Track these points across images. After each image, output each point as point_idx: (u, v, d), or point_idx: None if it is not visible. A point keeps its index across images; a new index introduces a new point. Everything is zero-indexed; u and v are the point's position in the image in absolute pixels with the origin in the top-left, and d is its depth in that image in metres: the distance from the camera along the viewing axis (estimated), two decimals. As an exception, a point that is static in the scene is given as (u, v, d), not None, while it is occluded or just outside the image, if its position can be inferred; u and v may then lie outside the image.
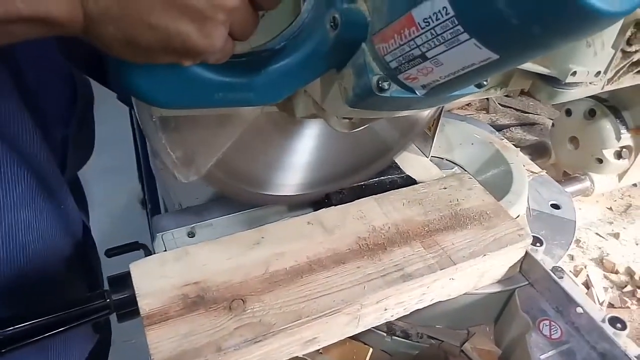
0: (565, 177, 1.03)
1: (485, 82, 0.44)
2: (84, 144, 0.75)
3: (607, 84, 0.65)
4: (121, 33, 0.33)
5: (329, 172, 0.69)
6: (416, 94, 0.40)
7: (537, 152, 1.09)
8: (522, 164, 0.87)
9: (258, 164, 0.64)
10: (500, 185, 0.82)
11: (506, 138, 0.97)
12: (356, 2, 0.39)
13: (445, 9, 0.31)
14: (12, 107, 0.56)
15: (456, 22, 0.31)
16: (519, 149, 0.95)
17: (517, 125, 1.27)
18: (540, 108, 1.36)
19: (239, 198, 0.67)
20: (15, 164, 0.57)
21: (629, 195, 1.08)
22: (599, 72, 0.60)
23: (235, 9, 0.36)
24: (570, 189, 0.97)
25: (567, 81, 0.58)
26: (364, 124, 0.52)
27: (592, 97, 0.93)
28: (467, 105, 1.34)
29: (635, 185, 1.09)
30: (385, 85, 0.39)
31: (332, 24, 0.40)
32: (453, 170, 0.91)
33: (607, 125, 0.94)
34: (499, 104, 1.36)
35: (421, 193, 0.70)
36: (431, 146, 0.83)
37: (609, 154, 0.95)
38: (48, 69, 0.63)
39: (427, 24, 0.33)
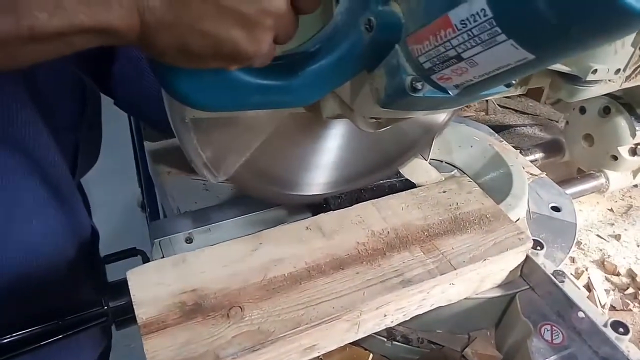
0: (579, 175, 1.04)
1: (514, 81, 0.45)
2: (92, 149, 0.75)
3: (625, 82, 0.65)
4: (175, 40, 0.34)
5: (355, 170, 0.70)
6: (449, 93, 0.41)
7: (551, 149, 1.10)
8: (521, 166, 0.86)
9: (284, 164, 0.65)
10: (499, 188, 0.81)
11: (505, 140, 0.96)
12: (390, 4, 0.40)
13: (483, 11, 0.31)
14: (28, 113, 0.56)
15: (494, 24, 0.31)
16: (518, 150, 0.95)
17: (516, 126, 1.27)
18: (539, 109, 1.35)
19: (265, 198, 0.69)
20: (28, 173, 0.57)
21: (630, 196, 1.08)
22: (618, 70, 0.61)
23: (282, 14, 0.37)
24: (586, 186, 0.98)
25: (587, 79, 0.58)
26: (390, 123, 0.52)
27: (606, 94, 0.94)
28: (467, 106, 1.33)
29: (636, 186, 1.09)
30: (419, 85, 0.40)
31: (367, 26, 0.40)
32: (452, 172, 0.90)
33: (621, 123, 0.95)
34: (498, 105, 1.35)
35: (420, 197, 0.69)
36: (430, 149, 0.82)
37: (623, 151, 0.96)
38: (59, 73, 0.62)
39: (464, 25, 0.33)
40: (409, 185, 0.74)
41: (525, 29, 0.31)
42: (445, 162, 0.92)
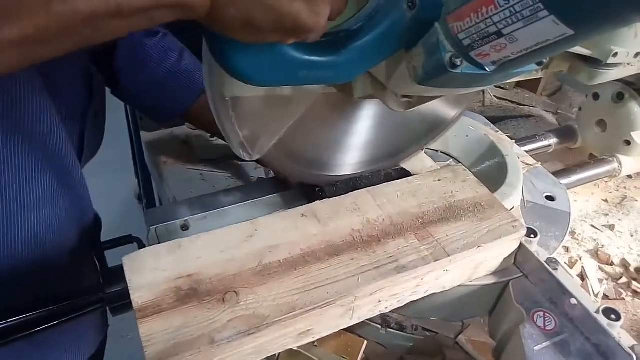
0: (592, 159, 1.06)
1: (545, 60, 0.46)
2: (97, 137, 0.75)
3: None
4: (240, 14, 0.36)
5: (383, 150, 0.72)
6: (485, 70, 0.42)
7: (565, 135, 1.12)
8: (516, 156, 0.87)
9: (314, 144, 0.67)
10: (494, 177, 0.82)
11: (501, 130, 0.97)
12: None
13: None
14: (43, 102, 0.56)
15: (537, 0, 0.33)
16: (513, 141, 0.95)
17: (512, 118, 1.27)
18: (535, 100, 1.35)
19: (294, 177, 0.71)
20: (40, 163, 0.57)
21: (624, 187, 1.08)
22: (638, 53, 0.61)
23: None
24: (598, 170, 1.01)
25: (607, 62, 0.59)
26: (421, 102, 0.53)
27: (620, 80, 0.95)
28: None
29: (630, 176, 1.09)
30: (458, 62, 0.41)
31: (409, 4, 0.41)
32: (448, 162, 0.91)
33: (635, 108, 0.97)
34: (494, 96, 1.35)
35: (415, 185, 0.70)
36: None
37: (636, 136, 0.99)
38: (70, 59, 0.63)
39: (507, 2, 0.34)
40: (404, 173, 0.74)
41: (567, 5, 0.32)
42: (441, 152, 0.92)
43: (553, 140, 1.09)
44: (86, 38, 0.33)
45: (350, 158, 0.70)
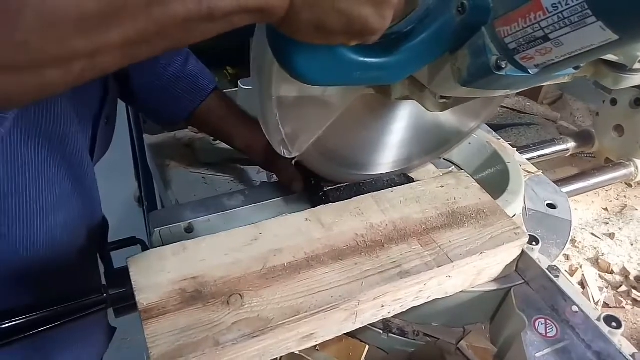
0: (609, 164, 1.08)
1: (582, 65, 0.48)
2: (105, 143, 0.75)
3: None
4: (314, 19, 0.37)
5: (416, 149, 0.74)
6: (529, 73, 0.43)
7: (582, 139, 1.14)
8: (518, 164, 0.87)
9: (350, 144, 0.69)
10: (496, 184, 0.82)
11: (503, 138, 0.97)
12: None
13: None
14: (62, 104, 0.56)
15: (586, 7, 0.34)
16: (515, 148, 0.95)
17: (514, 125, 1.28)
18: (536, 108, 1.36)
19: (329, 176, 0.72)
20: (57, 165, 0.58)
21: (625, 196, 1.09)
22: None
23: None
24: (615, 174, 1.03)
25: (634, 67, 0.59)
26: (457, 103, 0.55)
27: (637, 86, 0.96)
28: (465, 105, 1.34)
29: (630, 185, 1.10)
30: (503, 64, 0.42)
31: (459, 8, 0.43)
32: (450, 169, 0.91)
33: None
34: (496, 104, 1.36)
35: (419, 191, 0.70)
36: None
37: None
38: None
39: (556, 8, 0.36)
40: (407, 179, 0.75)
41: (615, 11, 0.34)
42: (444, 159, 0.92)
43: (571, 144, 1.12)
44: (179, 40, 0.35)
45: (383, 157, 0.72)
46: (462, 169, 0.91)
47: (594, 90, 1.31)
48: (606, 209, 1.05)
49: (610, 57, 0.60)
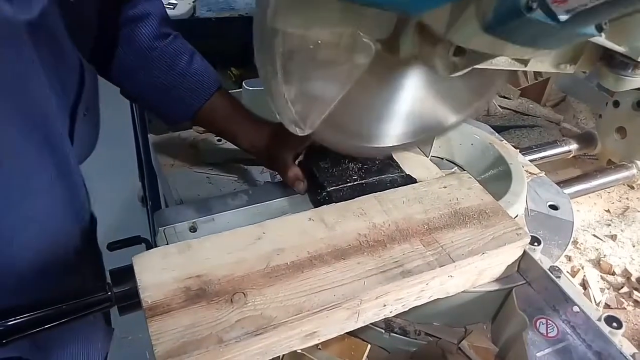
0: (611, 165, 1.09)
1: (605, 26, 0.46)
2: (88, 135, 0.75)
3: None
4: None
5: (426, 122, 0.71)
6: (557, 20, 0.41)
7: (584, 141, 1.15)
8: (521, 165, 0.88)
9: (360, 114, 0.66)
10: (499, 185, 0.83)
11: (505, 140, 0.98)
12: None
13: None
14: (42, 84, 0.56)
15: None
16: (518, 150, 0.96)
17: (516, 127, 1.28)
18: (539, 110, 1.36)
19: (342, 150, 0.70)
20: (39, 149, 0.58)
21: (627, 198, 1.09)
22: None
23: None
24: (617, 176, 1.04)
25: (639, 60, 0.59)
26: (468, 65, 0.52)
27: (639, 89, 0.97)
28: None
29: (632, 187, 1.10)
30: (534, 5, 0.40)
31: None
32: (453, 170, 0.92)
33: None
34: (499, 105, 1.36)
35: (421, 192, 0.70)
36: (431, 146, 0.84)
37: None
38: (61, 56, 0.63)
39: None
40: (410, 180, 0.75)
41: None
42: (446, 160, 0.93)
43: (573, 146, 1.12)
44: None
45: (396, 128, 0.70)
46: (464, 170, 0.91)
47: (597, 92, 1.32)
48: (608, 211, 1.05)
49: (616, 47, 0.60)
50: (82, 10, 0.67)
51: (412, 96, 0.67)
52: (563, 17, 0.41)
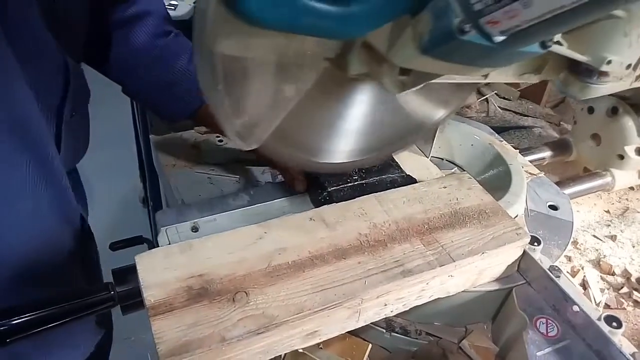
0: (586, 173, 1.07)
1: (549, 43, 0.45)
2: (77, 138, 0.75)
3: (635, 81, 0.66)
4: None
5: (377, 139, 0.70)
6: (492, 41, 0.40)
7: (559, 148, 1.12)
8: (520, 166, 0.88)
9: (309, 129, 0.65)
10: (499, 185, 0.83)
11: (505, 140, 0.98)
12: None
13: None
14: (22, 85, 0.56)
15: None
16: (517, 150, 0.96)
17: (516, 128, 1.29)
18: (539, 112, 1.37)
19: (293, 165, 0.70)
20: (19, 149, 0.57)
21: (627, 199, 1.09)
22: (629, 65, 0.61)
23: None
24: (592, 184, 1.01)
25: (601, 69, 0.59)
26: (416, 83, 0.52)
27: (614, 95, 0.96)
28: (468, 107, 1.35)
29: (632, 188, 1.10)
30: (466, 27, 0.40)
31: None
32: (453, 170, 0.92)
33: (629, 123, 0.98)
34: (498, 106, 1.37)
35: (421, 192, 0.71)
36: (431, 147, 0.84)
37: (630, 150, 0.99)
38: (42, 56, 0.63)
39: None
40: (410, 180, 0.75)
41: None
42: (446, 160, 0.93)
43: (547, 153, 1.09)
44: None
45: (346, 144, 0.68)
46: (464, 171, 0.92)
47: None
48: (608, 211, 1.05)
49: (579, 57, 0.60)
50: (68, 8, 0.66)
51: (364, 112, 0.66)
52: (498, 38, 0.40)
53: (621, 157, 1.00)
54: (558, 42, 0.58)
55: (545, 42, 0.45)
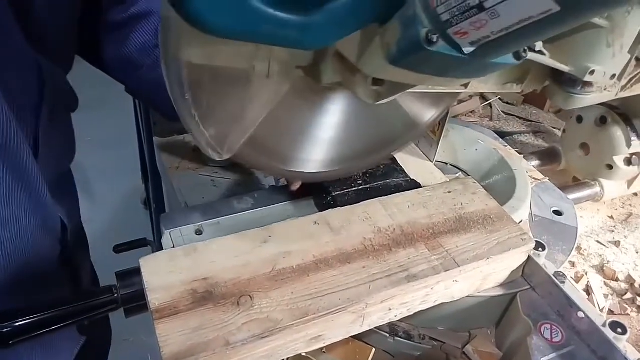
0: (575, 183, 1.05)
1: (524, 54, 0.44)
2: (60, 142, 0.74)
3: (620, 91, 0.66)
4: None
5: (354, 149, 0.69)
6: (462, 52, 0.39)
7: (548, 157, 1.11)
8: (525, 171, 0.88)
9: (284, 138, 0.64)
10: (503, 190, 0.83)
11: (509, 145, 0.98)
12: None
13: None
14: None
15: None
16: (522, 155, 0.96)
17: (520, 133, 1.29)
18: (542, 117, 1.37)
19: (266, 173, 0.67)
20: None
21: (630, 205, 1.09)
22: (614, 75, 0.61)
23: None
24: (581, 194, 0.99)
25: (585, 79, 0.58)
26: (391, 94, 0.51)
27: (603, 104, 0.95)
28: (471, 112, 1.35)
29: (636, 194, 1.10)
30: (434, 38, 0.38)
31: None
32: (457, 175, 0.92)
33: (617, 133, 0.96)
34: (502, 111, 1.37)
35: (426, 196, 0.71)
36: (436, 151, 0.84)
37: (619, 160, 0.97)
38: (12, 59, 0.62)
39: None
40: (414, 185, 0.75)
41: None
42: (450, 165, 0.93)
43: (535, 162, 1.07)
44: None
45: (320, 154, 0.67)
46: (469, 175, 0.91)
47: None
48: (612, 217, 1.05)
49: (561, 67, 0.59)
50: (48, 17, 0.64)
51: (340, 121, 0.65)
52: (468, 49, 0.39)
53: (610, 167, 0.99)
54: (540, 52, 0.57)
55: (519, 52, 0.44)
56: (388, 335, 0.67)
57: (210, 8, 0.38)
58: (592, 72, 0.59)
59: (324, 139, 0.66)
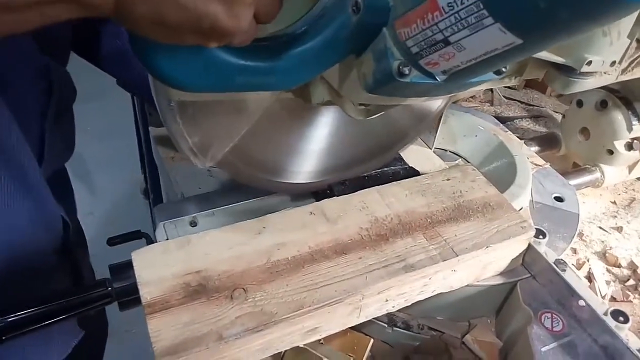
0: (575, 168, 1.04)
1: (504, 69, 0.45)
2: (63, 140, 0.73)
3: (621, 74, 0.64)
4: (151, 12, 0.33)
5: (344, 159, 0.70)
6: (436, 79, 0.40)
7: (548, 143, 1.09)
8: (526, 157, 0.87)
9: (272, 150, 0.64)
10: (503, 177, 0.82)
11: (510, 130, 0.96)
12: None
13: None
14: None
15: (481, 6, 0.31)
16: (523, 141, 0.95)
17: (521, 118, 1.27)
18: (544, 101, 1.35)
19: (252, 184, 0.67)
20: None
21: (633, 189, 1.08)
22: (614, 62, 0.60)
23: None
24: (581, 180, 0.98)
25: (582, 70, 0.57)
26: (379, 110, 0.52)
27: (603, 88, 0.93)
28: (472, 97, 1.33)
29: (639, 179, 1.09)
30: (406, 70, 0.39)
31: (354, 8, 0.39)
32: (456, 162, 0.91)
33: (618, 117, 0.95)
34: (503, 96, 1.35)
35: (424, 184, 0.69)
36: (434, 138, 0.83)
37: (619, 145, 0.96)
38: (19, 59, 0.61)
39: (452, 8, 0.33)
40: (412, 173, 0.74)
41: (513, 12, 0.31)
42: (450, 151, 0.92)
43: (535, 148, 1.06)
44: None
45: (310, 165, 0.68)
46: (468, 162, 0.90)
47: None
48: (614, 202, 1.04)
49: (558, 59, 0.58)
50: None
51: (329, 132, 0.65)
52: (442, 77, 0.40)
53: (610, 152, 0.97)
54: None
55: (500, 69, 0.45)
56: (386, 326, 0.66)
57: (179, 67, 0.38)
58: (590, 63, 0.58)
59: (314, 151, 0.67)
